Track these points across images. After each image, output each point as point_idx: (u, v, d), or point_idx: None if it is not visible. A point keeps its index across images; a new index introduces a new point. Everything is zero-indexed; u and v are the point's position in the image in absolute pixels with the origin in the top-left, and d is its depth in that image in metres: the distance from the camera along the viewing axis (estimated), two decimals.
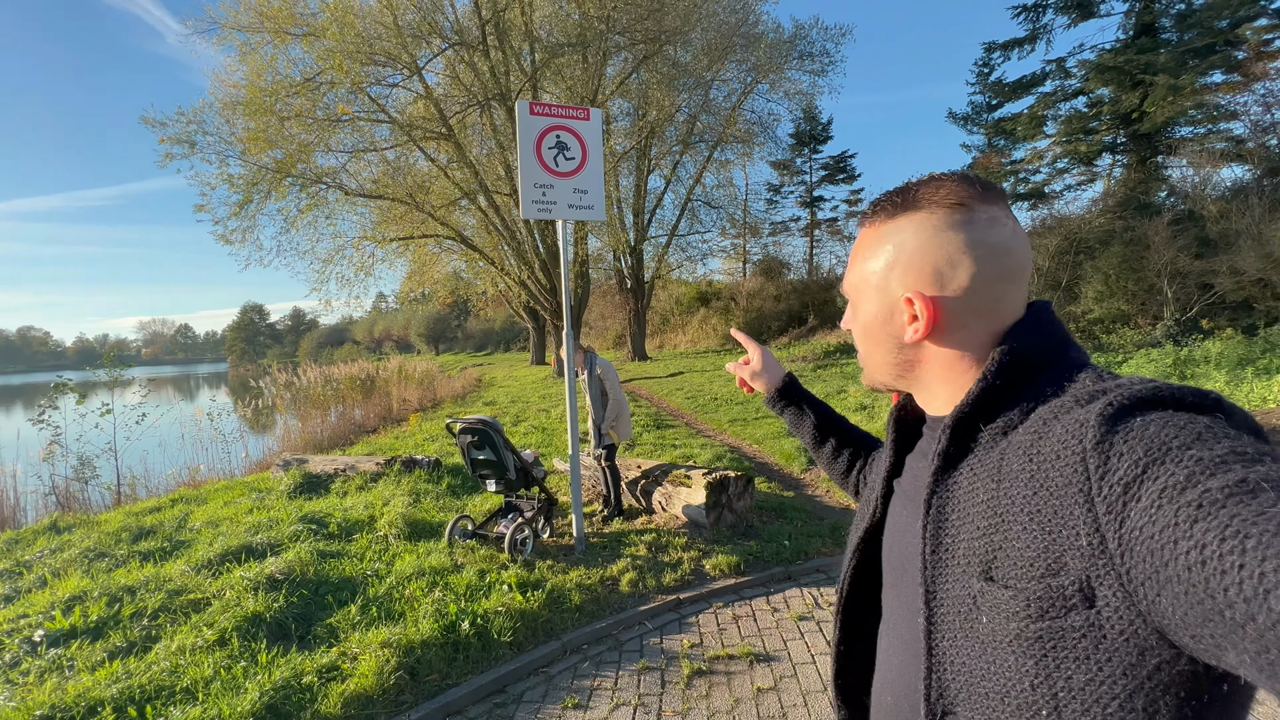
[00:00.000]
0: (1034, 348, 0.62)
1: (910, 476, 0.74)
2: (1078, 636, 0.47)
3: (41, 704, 2.57)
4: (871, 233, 0.69)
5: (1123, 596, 0.45)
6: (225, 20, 14.62)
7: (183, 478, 8.06)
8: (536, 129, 4.22)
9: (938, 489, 0.62)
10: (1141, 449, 0.45)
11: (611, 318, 32.72)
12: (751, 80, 22.48)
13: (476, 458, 4.43)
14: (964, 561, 0.57)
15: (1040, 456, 0.53)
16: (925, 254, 0.64)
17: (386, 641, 3.01)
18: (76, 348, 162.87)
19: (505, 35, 16.10)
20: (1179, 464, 0.43)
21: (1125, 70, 15.48)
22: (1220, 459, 0.42)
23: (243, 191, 14.97)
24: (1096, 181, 18.88)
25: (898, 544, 0.72)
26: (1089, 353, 4.53)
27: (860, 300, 0.72)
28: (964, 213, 0.63)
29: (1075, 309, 14.31)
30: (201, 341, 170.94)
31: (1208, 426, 0.45)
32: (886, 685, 0.72)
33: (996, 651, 0.53)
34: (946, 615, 0.58)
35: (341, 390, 14.59)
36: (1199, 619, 0.39)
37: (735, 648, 3.17)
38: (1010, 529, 0.53)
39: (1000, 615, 0.52)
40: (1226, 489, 0.39)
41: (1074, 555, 0.48)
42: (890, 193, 0.68)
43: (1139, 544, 0.43)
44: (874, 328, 0.70)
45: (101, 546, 4.71)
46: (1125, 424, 0.48)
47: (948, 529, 0.60)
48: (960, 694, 0.56)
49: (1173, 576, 0.40)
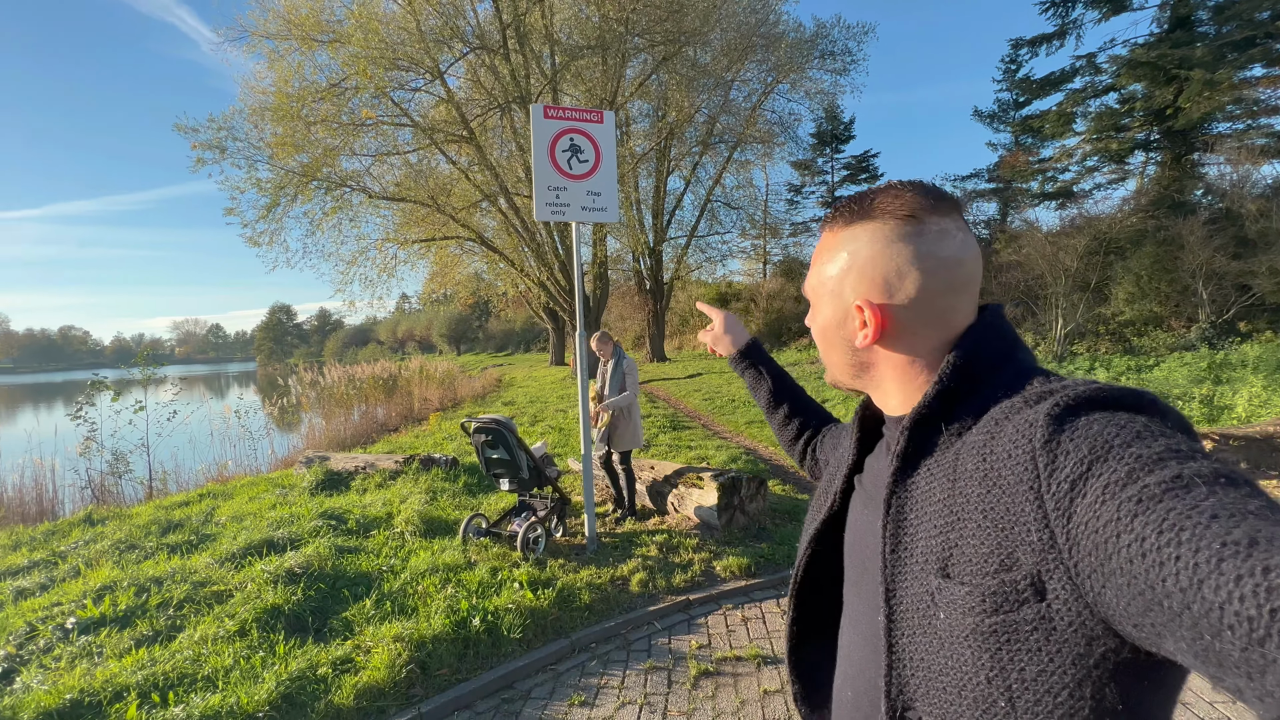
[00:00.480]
0: (986, 351, 0.63)
1: (870, 475, 0.75)
2: (1029, 629, 0.49)
3: (71, 688, 2.68)
4: (830, 238, 0.71)
5: (1071, 589, 0.47)
6: (255, 28, 15.05)
7: (211, 473, 8.31)
8: (550, 132, 4.26)
9: (897, 489, 0.63)
10: (1086, 447, 0.47)
11: (631, 319, 32.78)
12: (772, 80, 22.38)
13: (490, 456, 4.49)
14: (922, 559, 0.59)
15: (993, 456, 0.54)
16: (876, 264, 0.66)
17: (399, 636, 3.07)
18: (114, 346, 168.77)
19: (525, 38, 16.28)
20: (1120, 461, 0.45)
21: (1159, 65, 15.05)
22: (1158, 456, 0.44)
23: (270, 195, 15.37)
24: (1128, 180, 18.38)
25: (859, 542, 0.74)
26: (1120, 356, 4.42)
27: (818, 303, 0.74)
28: (914, 225, 0.64)
29: (1105, 310, 13.95)
30: (232, 341, 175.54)
31: (1146, 425, 0.47)
32: (847, 681, 0.73)
33: (954, 647, 0.54)
34: (906, 612, 0.60)
35: (364, 390, 14.88)
36: (1140, 609, 0.40)
37: (743, 650, 3.16)
38: (965, 526, 0.55)
39: (957, 611, 0.54)
40: (1163, 484, 0.41)
41: (1025, 550, 0.49)
42: (851, 199, 0.69)
43: (1085, 538, 0.44)
44: (829, 331, 0.72)
45: (132, 539, 4.88)
46: (1071, 423, 0.50)
47: (906, 528, 0.61)
48: (919, 689, 0.58)
49: (1116, 569, 0.42)
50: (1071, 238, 14.56)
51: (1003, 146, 23.62)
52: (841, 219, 0.69)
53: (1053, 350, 13.59)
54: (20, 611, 3.57)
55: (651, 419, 10.18)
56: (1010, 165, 21.00)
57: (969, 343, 0.63)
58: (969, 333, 0.64)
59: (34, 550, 4.81)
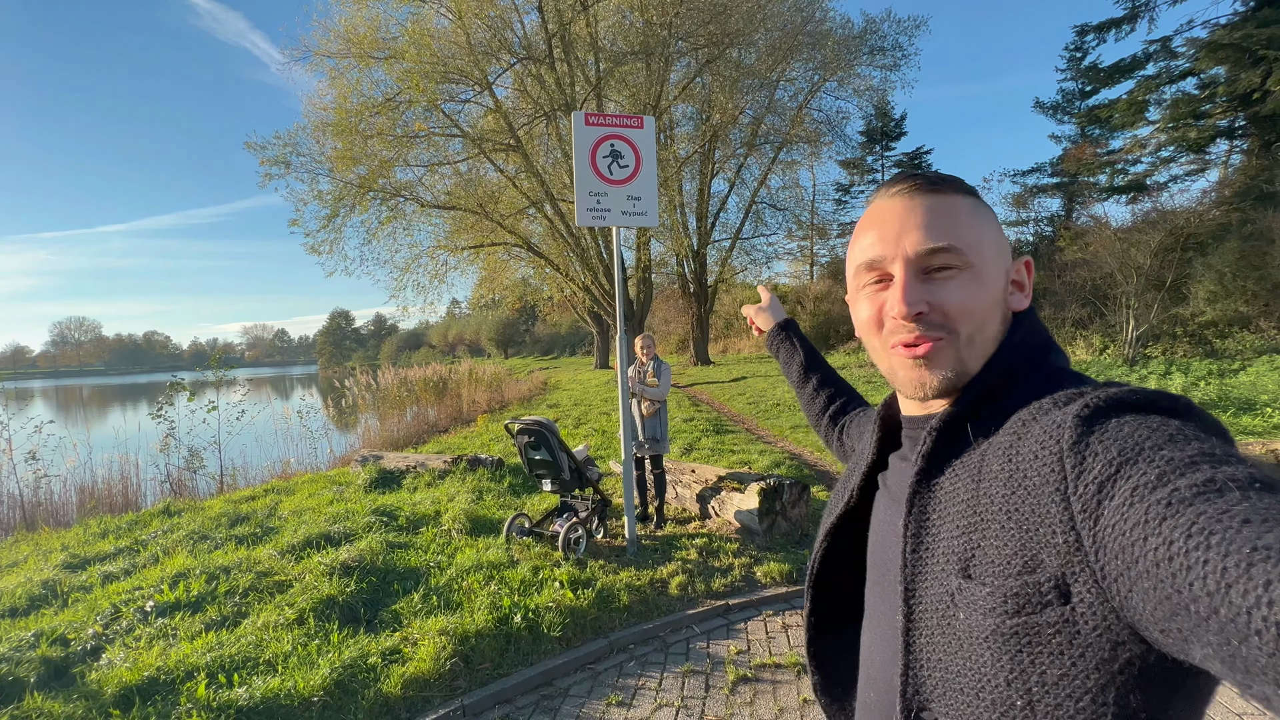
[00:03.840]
0: (1023, 352, 0.63)
1: (894, 474, 0.74)
2: (1052, 632, 0.48)
3: (149, 666, 2.90)
4: (950, 200, 0.64)
5: (1096, 593, 0.46)
6: (317, 48, 15.90)
7: (276, 470, 8.81)
8: (591, 139, 4.33)
9: (920, 489, 0.62)
10: (1116, 449, 0.46)
11: (675, 322, 32.77)
12: (819, 79, 21.98)
13: (533, 458, 4.59)
14: (943, 560, 0.58)
15: (1019, 457, 0.53)
16: (1000, 230, 0.67)
17: (444, 629, 3.17)
18: (191, 350, 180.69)
19: (571, 47, 16.57)
20: (1151, 464, 0.44)
21: (1244, 46, 13.98)
22: (1190, 460, 0.43)
23: (330, 206, 16.19)
24: (1209, 170, 17.16)
25: (881, 542, 0.73)
26: (1200, 359, 4.17)
27: (984, 262, 0.63)
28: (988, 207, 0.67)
29: (1182, 311, 13.04)
30: (296, 345, 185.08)
31: (1179, 429, 0.46)
32: (870, 682, 0.73)
33: (973, 648, 0.54)
34: (925, 612, 0.59)
35: (416, 392, 15.42)
36: (1167, 613, 0.39)
37: (783, 657, 3.12)
38: (989, 528, 0.54)
39: (977, 612, 0.53)
40: (1194, 488, 0.40)
41: (1050, 553, 0.49)
42: (936, 173, 0.67)
43: (1112, 541, 0.44)
44: (998, 295, 0.64)
45: (204, 530, 5.22)
46: (1101, 425, 0.49)
47: (929, 528, 0.61)
48: (936, 690, 0.57)
49: (1143, 572, 0.41)
50: (1144, 233, 13.66)
51: (1067, 139, 22.45)
52: (951, 185, 0.65)
53: (1123, 353, 12.78)
54: (107, 594, 3.88)
55: (695, 422, 10.14)
56: (1076, 158, 19.91)
57: (1013, 342, 0.64)
58: (1011, 332, 0.65)
59: (119, 538, 5.21)
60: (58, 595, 3.98)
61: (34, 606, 3.83)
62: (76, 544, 5.15)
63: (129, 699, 2.69)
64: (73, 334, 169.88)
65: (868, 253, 0.65)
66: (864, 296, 0.68)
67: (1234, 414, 7.47)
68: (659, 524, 4.98)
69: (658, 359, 4.98)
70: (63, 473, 7.11)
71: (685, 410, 11.72)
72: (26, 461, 6.74)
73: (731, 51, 18.42)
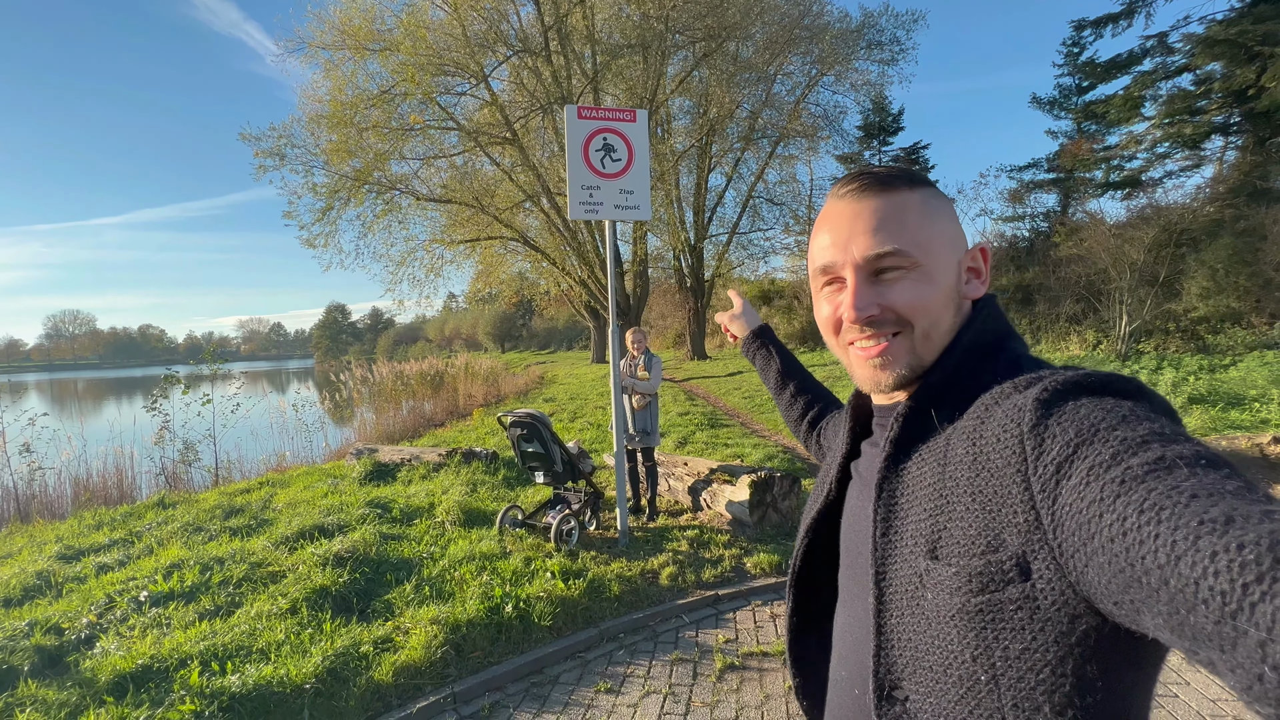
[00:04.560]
0: (984, 339, 0.65)
1: (866, 461, 0.76)
2: (1014, 608, 0.50)
3: (143, 654, 2.93)
4: (903, 196, 0.66)
5: (1055, 569, 0.48)
6: (312, 39, 15.78)
7: (271, 463, 8.82)
8: (584, 132, 4.34)
9: (889, 474, 0.65)
10: (1073, 431, 0.48)
11: (671, 317, 32.75)
12: (816, 73, 21.89)
13: (525, 450, 4.61)
14: (911, 542, 0.60)
15: (982, 440, 0.56)
16: (955, 221, 0.69)
17: (436, 619, 3.21)
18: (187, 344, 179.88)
19: (567, 40, 16.50)
20: (1106, 444, 0.46)
21: (1239, 42, 13.97)
22: (1142, 439, 0.45)
23: (325, 199, 16.11)
24: (1204, 166, 17.13)
25: (852, 527, 0.75)
26: (1192, 355, 4.20)
27: (933, 259, 0.65)
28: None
29: (1175, 307, 13.08)
30: (292, 339, 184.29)
31: (1131, 410, 0.48)
32: (841, 661, 0.75)
33: (940, 627, 0.56)
34: (895, 594, 0.61)
35: (413, 386, 15.42)
36: (1121, 586, 0.41)
37: (771, 646, 3.16)
38: (954, 510, 0.56)
39: (944, 591, 0.55)
40: (1146, 466, 0.42)
41: (1012, 532, 0.51)
42: (887, 167, 0.69)
43: (1069, 519, 0.45)
44: (951, 287, 0.66)
45: (199, 521, 5.24)
46: (1059, 408, 0.51)
47: (897, 511, 0.63)
48: (907, 669, 0.59)
49: (1098, 548, 0.43)
50: (1138, 229, 13.71)
51: (1063, 134, 22.38)
52: (901, 181, 0.67)
53: (1116, 349, 12.85)
54: (101, 584, 3.91)
55: (690, 417, 10.17)
56: (1072, 154, 19.90)
57: (970, 331, 0.65)
58: (970, 320, 0.66)
59: (114, 530, 5.23)
60: (52, 586, 4.00)
61: (28, 596, 3.86)
62: (71, 535, 5.16)
63: (123, 686, 2.72)
64: (67, 327, 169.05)
65: (820, 258, 0.69)
66: (823, 297, 0.71)
67: (1223, 409, 7.53)
68: (651, 516, 5.02)
69: (649, 352, 5.00)
70: (57, 465, 7.11)
71: (680, 404, 11.75)
72: (21, 454, 6.74)
73: (729, 45, 18.36)
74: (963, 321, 0.67)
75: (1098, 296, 14.14)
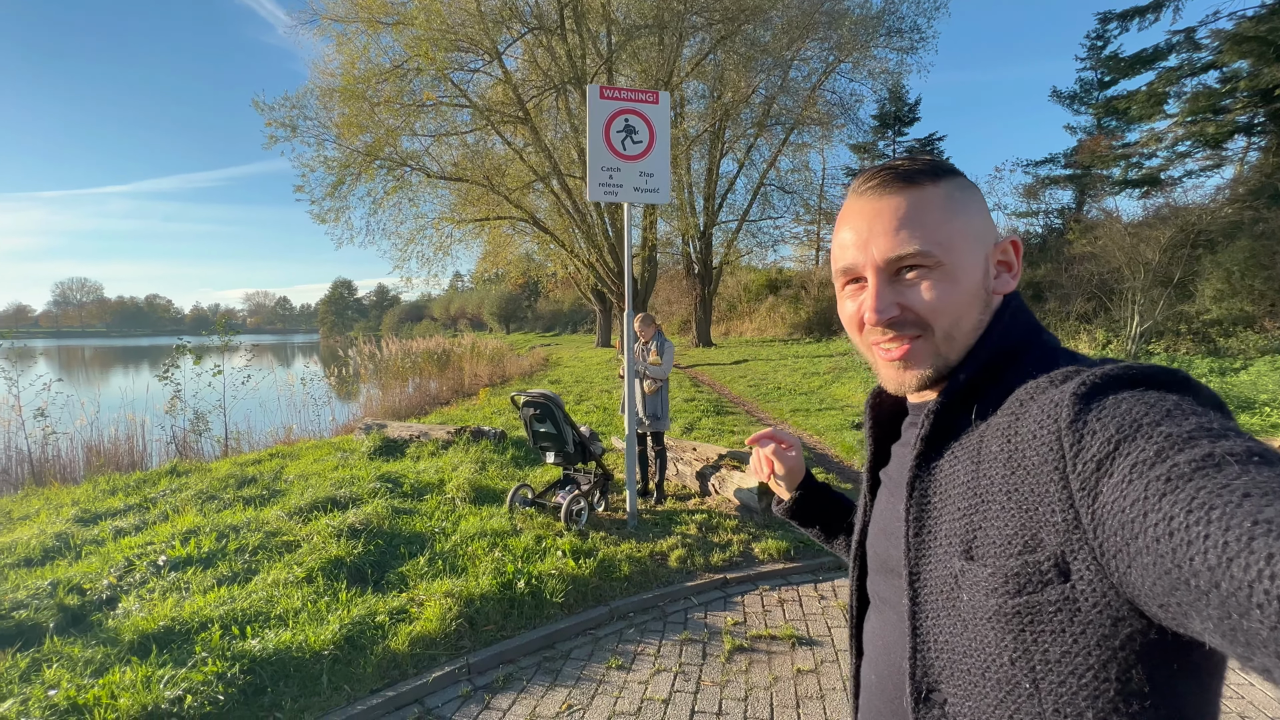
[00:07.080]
0: (1015, 334, 0.64)
1: (896, 463, 0.75)
2: (1054, 610, 0.49)
3: (165, 616, 2.99)
4: (927, 190, 0.64)
5: (1096, 570, 0.47)
6: (325, 11, 15.63)
7: (279, 435, 8.90)
8: (606, 113, 4.30)
9: (920, 473, 0.63)
10: (1114, 426, 0.46)
11: (678, 303, 32.68)
12: (834, 59, 21.57)
13: (538, 430, 4.65)
14: (945, 542, 0.59)
15: (1017, 437, 0.54)
16: (984, 212, 0.66)
17: (450, 592, 3.26)
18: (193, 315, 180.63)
19: (583, 18, 16.27)
20: (1149, 440, 0.44)
21: (1269, 40, 13.69)
22: (1188, 435, 0.43)
23: (336, 173, 16.05)
24: (1224, 167, 16.89)
25: (882, 531, 0.73)
26: (1202, 357, 4.13)
27: (959, 255, 0.63)
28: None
29: (1188, 308, 12.98)
30: (297, 313, 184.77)
31: (1176, 404, 0.46)
32: (871, 665, 0.74)
33: (977, 628, 0.55)
34: (930, 595, 0.60)
35: (419, 363, 15.47)
36: (1167, 588, 0.39)
37: (778, 629, 3.21)
38: (989, 509, 0.55)
39: (980, 592, 0.54)
40: (1193, 463, 0.40)
41: (1050, 531, 0.50)
42: (901, 163, 0.66)
43: (1111, 518, 0.44)
44: (978, 283, 0.64)
45: (212, 490, 5.31)
46: (1099, 402, 0.49)
47: (930, 511, 0.62)
48: (944, 671, 0.59)
49: (1143, 548, 0.41)
50: (1155, 229, 13.55)
51: (1082, 130, 22.09)
52: (924, 175, 0.64)
53: (1126, 349, 12.79)
54: (119, 548, 3.97)
55: (695, 403, 10.21)
56: (1090, 150, 19.64)
57: (998, 328, 0.64)
58: (998, 315, 0.65)
59: (129, 495, 5.30)
60: (70, 547, 4.07)
61: (48, 557, 3.93)
62: (86, 500, 5.24)
63: (146, 646, 2.77)
64: (75, 295, 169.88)
65: (842, 259, 0.67)
66: (846, 295, 0.70)
67: (1233, 412, 7.51)
68: (659, 499, 5.06)
69: (661, 337, 5.01)
70: (70, 430, 7.19)
71: (686, 391, 11.78)
72: (35, 418, 6.81)
73: (746, 28, 18.07)
74: (990, 317, 0.65)
75: (1109, 295, 14.03)
